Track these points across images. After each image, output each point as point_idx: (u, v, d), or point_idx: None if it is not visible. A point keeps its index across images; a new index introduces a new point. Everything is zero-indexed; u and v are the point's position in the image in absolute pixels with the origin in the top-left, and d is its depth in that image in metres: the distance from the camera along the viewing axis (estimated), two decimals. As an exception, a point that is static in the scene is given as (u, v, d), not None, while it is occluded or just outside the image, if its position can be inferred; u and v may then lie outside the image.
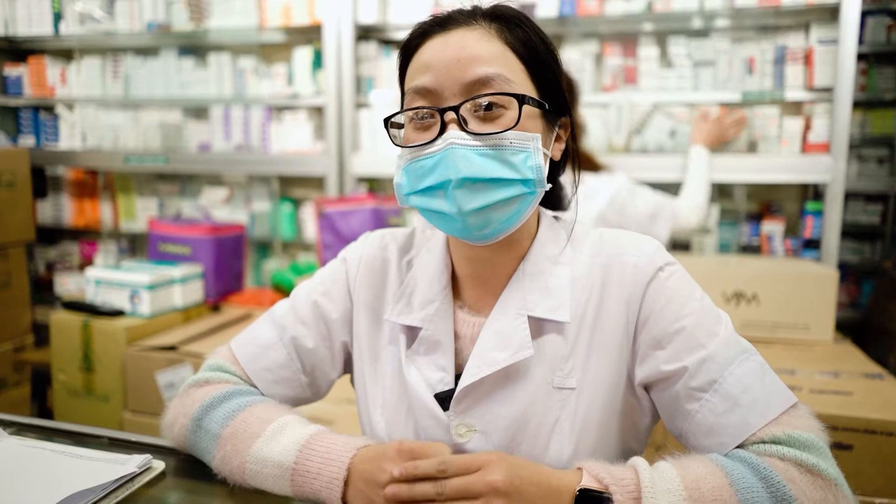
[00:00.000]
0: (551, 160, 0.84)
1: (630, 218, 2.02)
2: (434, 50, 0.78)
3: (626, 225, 2.02)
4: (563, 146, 0.86)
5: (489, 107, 0.76)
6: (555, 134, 0.84)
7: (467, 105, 0.76)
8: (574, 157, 0.89)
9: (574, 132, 0.88)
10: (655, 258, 0.82)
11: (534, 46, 0.80)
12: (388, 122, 0.83)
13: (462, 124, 0.76)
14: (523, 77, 0.79)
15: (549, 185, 0.81)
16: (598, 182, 2.01)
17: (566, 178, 0.94)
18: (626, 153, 2.48)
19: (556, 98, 0.83)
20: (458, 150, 0.74)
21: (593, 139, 2.49)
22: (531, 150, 0.77)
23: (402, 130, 0.83)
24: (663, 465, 0.71)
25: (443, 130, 0.76)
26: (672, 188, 2.30)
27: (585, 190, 1.97)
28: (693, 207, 2.17)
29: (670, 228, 2.11)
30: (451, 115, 0.76)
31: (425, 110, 0.78)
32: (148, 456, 0.84)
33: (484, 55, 0.76)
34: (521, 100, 0.76)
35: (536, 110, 0.79)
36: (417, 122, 0.79)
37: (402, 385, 0.87)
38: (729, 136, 2.33)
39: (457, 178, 0.74)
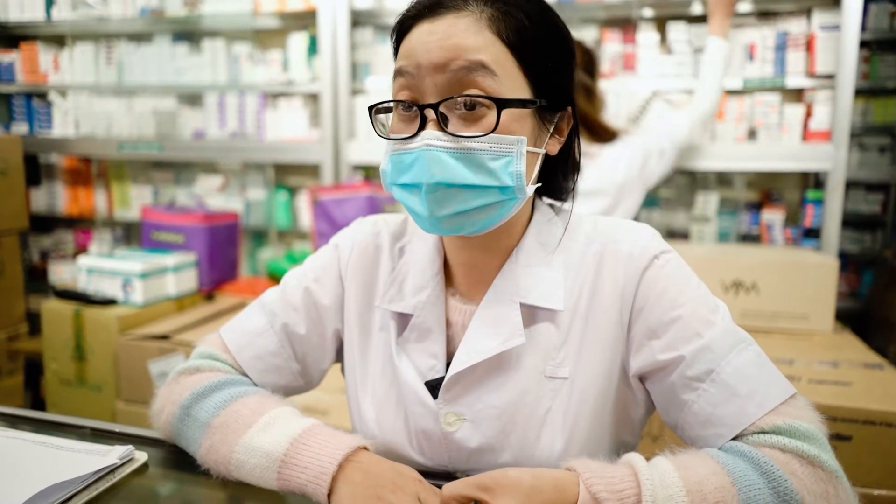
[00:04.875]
0: (547, 155, 0.80)
1: (647, 174, 1.99)
2: (420, 36, 0.74)
3: (647, 180, 2.00)
4: (563, 139, 0.82)
5: (472, 106, 0.72)
6: (552, 128, 0.80)
7: (448, 102, 0.72)
8: (573, 151, 0.85)
9: (592, 109, 0.82)
10: (650, 246, 0.80)
11: (530, 36, 0.74)
12: (374, 109, 0.80)
13: (442, 123, 0.72)
14: (514, 71, 0.74)
15: (539, 185, 0.78)
16: (614, 151, 1.94)
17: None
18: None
19: (556, 90, 0.78)
20: (433, 153, 0.71)
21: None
22: (513, 154, 0.73)
23: (392, 115, 0.80)
24: (664, 465, 0.67)
25: (422, 126, 0.72)
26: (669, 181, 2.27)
27: (604, 161, 1.91)
28: (695, 120, 2.07)
29: (676, 157, 2.07)
30: (431, 112, 0.72)
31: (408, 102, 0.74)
32: (130, 447, 0.82)
33: (469, 46, 0.71)
34: (501, 104, 0.71)
35: (525, 110, 0.74)
36: (402, 112, 0.76)
37: (393, 373, 0.85)
38: None
39: (429, 182, 0.71)
